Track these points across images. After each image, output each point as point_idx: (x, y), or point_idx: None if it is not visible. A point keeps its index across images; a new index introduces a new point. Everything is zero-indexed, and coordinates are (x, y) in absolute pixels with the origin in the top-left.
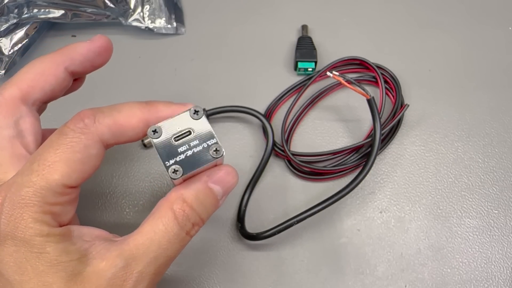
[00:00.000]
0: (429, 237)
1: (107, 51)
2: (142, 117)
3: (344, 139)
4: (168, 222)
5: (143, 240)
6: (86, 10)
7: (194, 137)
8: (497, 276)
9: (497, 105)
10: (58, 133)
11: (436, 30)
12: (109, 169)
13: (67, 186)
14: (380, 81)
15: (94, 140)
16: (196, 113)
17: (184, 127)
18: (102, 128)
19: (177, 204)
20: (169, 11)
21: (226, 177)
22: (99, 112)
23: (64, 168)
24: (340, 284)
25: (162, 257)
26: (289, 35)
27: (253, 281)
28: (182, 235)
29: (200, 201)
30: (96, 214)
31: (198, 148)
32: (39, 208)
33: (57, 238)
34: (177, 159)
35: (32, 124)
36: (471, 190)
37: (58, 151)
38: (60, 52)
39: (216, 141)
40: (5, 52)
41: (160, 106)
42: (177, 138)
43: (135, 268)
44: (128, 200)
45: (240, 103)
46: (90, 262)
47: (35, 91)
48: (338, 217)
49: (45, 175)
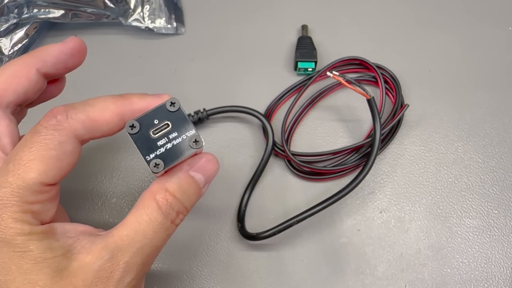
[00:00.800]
0: (429, 237)
1: (80, 53)
2: (116, 111)
3: (344, 139)
4: (152, 212)
5: (128, 231)
6: (86, 10)
7: (172, 129)
8: (497, 276)
9: (497, 105)
10: (31, 132)
11: (436, 30)
12: (108, 168)
13: (44, 184)
14: (380, 81)
15: (68, 136)
16: (173, 105)
17: (161, 119)
18: (76, 123)
19: (160, 194)
20: (169, 11)
21: (207, 164)
22: (71, 108)
23: (40, 166)
24: (340, 284)
25: (148, 247)
26: (289, 35)
27: (253, 281)
28: (167, 224)
29: (182, 190)
30: (95, 214)
31: (178, 140)
32: (18, 208)
33: (39, 236)
34: (157, 153)
35: (8, 127)
36: (471, 190)
37: (32, 149)
38: (31, 54)
39: (194, 132)
40: (5, 52)
41: (134, 98)
42: (155, 131)
43: (122, 259)
44: (127, 200)
45: (240, 103)
46: (75, 257)
47: (8, 94)
48: (338, 217)
49: (21, 174)
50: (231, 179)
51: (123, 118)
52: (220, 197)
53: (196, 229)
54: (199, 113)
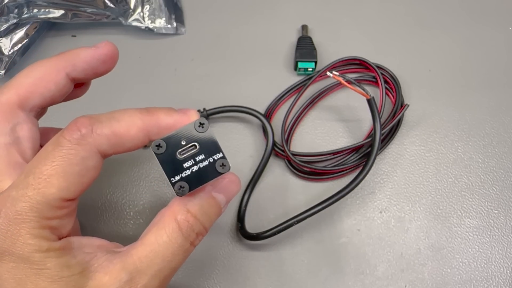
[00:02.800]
0: (429, 237)
1: (112, 59)
2: (142, 127)
3: (344, 139)
4: (172, 233)
5: (147, 252)
6: (86, 10)
7: (199, 152)
8: (497, 276)
9: (497, 105)
10: (54, 144)
11: (436, 30)
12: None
13: (64, 200)
14: (380, 81)
15: (91, 152)
16: (201, 126)
17: (189, 140)
18: (100, 139)
19: (181, 214)
20: (169, 11)
21: (230, 185)
22: (97, 121)
23: (61, 181)
24: (340, 284)
25: (166, 269)
26: (289, 35)
27: (253, 281)
28: (186, 246)
29: (204, 211)
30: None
31: (204, 163)
32: (36, 224)
33: (57, 252)
34: (183, 175)
35: (30, 131)
36: (471, 190)
37: (54, 164)
38: (62, 57)
39: (222, 155)
40: (5, 52)
41: (161, 114)
42: (182, 152)
43: (140, 282)
44: (128, 199)
45: (240, 103)
46: (92, 275)
47: (34, 97)
48: (338, 217)
49: (42, 189)
50: None
51: (148, 134)
52: None
53: None
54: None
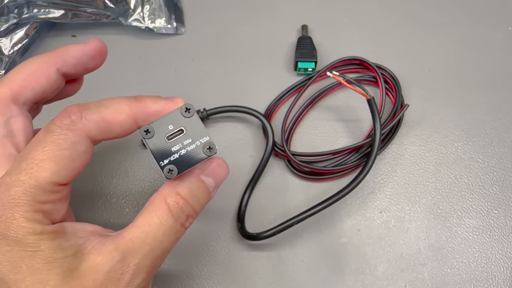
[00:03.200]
0: (429, 237)
1: (101, 55)
2: (130, 113)
3: (344, 139)
4: (162, 215)
5: (138, 233)
6: (86, 10)
7: (186, 136)
8: (497, 276)
9: (497, 105)
10: (44, 131)
11: (436, 30)
12: (109, 168)
13: (56, 184)
14: (380, 81)
15: (81, 137)
16: (188, 111)
17: (176, 125)
18: (89, 124)
19: (171, 197)
20: (169, 11)
21: (218, 169)
22: (85, 108)
23: (53, 165)
24: (340, 284)
25: (158, 249)
26: (289, 35)
27: (253, 281)
28: (177, 227)
29: (193, 194)
30: (96, 214)
31: (192, 146)
32: (29, 207)
33: (50, 235)
34: (171, 159)
35: (23, 124)
36: (471, 190)
37: (45, 149)
38: (52, 53)
39: (208, 138)
40: (5, 52)
41: (148, 101)
42: (169, 137)
43: (132, 261)
44: (128, 200)
45: (240, 103)
46: (86, 257)
47: (26, 91)
48: (338, 217)
49: (34, 174)
50: (231, 179)
51: (137, 121)
52: (220, 197)
53: (196, 229)
54: (199, 113)
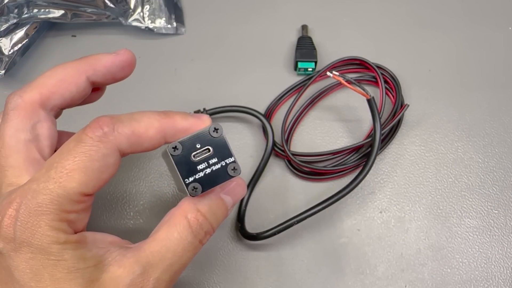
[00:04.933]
0: (429, 237)
1: (130, 66)
2: (160, 129)
3: (344, 139)
4: (182, 231)
5: (159, 247)
6: (86, 10)
7: (212, 155)
8: (497, 276)
9: (497, 105)
10: (76, 140)
11: (436, 30)
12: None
13: (83, 194)
14: (380, 81)
15: (112, 149)
16: (216, 131)
17: (203, 144)
18: (121, 138)
19: (192, 213)
20: (169, 11)
21: (237, 188)
22: (118, 121)
23: (82, 176)
24: (340, 284)
25: (177, 264)
26: (289, 35)
27: (253, 281)
28: (196, 243)
29: (212, 211)
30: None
31: (217, 166)
32: (56, 216)
33: (73, 245)
34: (196, 177)
35: (49, 129)
36: (471, 190)
37: (76, 159)
38: (84, 61)
39: (234, 159)
40: (5, 52)
41: (177, 117)
42: (196, 155)
43: (152, 275)
44: (127, 200)
45: (240, 103)
46: (107, 268)
47: (55, 97)
48: (338, 217)
49: (63, 183)
50: None
51: (165, 136)
52: None
53: None
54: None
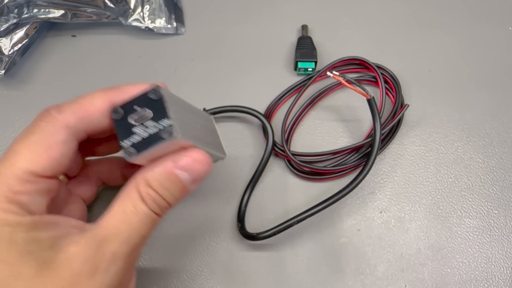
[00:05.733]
0: (429, 237)
1: None
2: (105, 98)
3: (344, 139)
4: (136, 203)
5: (115, 221)
6: (86, 10)
7: (149, 118)
8: (497, 276)
9: (497, 105)
10: (27, 127)
11: (436, 30)
12: None
13: (34, 174)
14: (380, 81)
15: (59, 127)
16: (154, 94)
17: (142, 107)
18: (67, 115)
19: (142, 186)
20: (169, 11)
21: (194, 164)
22: (64, 103)
23: (28, 154)
24: (340, 284)
25: (135, 237)
26: (289, 35)
27: (253, 281)
28: (153, 216)
29: (164, 187)
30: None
31: (154, 129)
32: (4, 198)
33: (25, 227)
34: (133, 140)
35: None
36: (471, 190)
37: (24, 140)
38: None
39: (170, 122)
40: (5, 52)
41: (126, 87)
42: (135, 117)
43: (108, 249)
44: None
45: (240, 103)
46: (62, 249)
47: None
48: (338, 217)
49: (10, 163)
50: (231, 179)
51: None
52: (220, 197)
53: (196, 229)
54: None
